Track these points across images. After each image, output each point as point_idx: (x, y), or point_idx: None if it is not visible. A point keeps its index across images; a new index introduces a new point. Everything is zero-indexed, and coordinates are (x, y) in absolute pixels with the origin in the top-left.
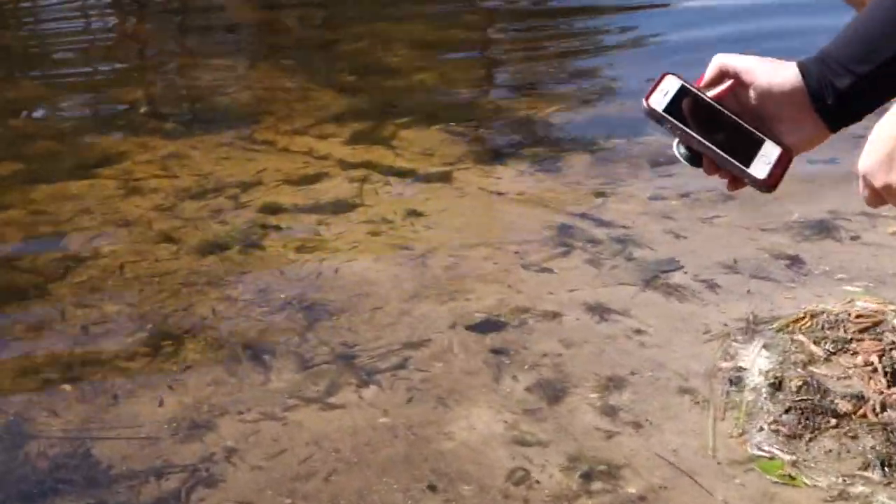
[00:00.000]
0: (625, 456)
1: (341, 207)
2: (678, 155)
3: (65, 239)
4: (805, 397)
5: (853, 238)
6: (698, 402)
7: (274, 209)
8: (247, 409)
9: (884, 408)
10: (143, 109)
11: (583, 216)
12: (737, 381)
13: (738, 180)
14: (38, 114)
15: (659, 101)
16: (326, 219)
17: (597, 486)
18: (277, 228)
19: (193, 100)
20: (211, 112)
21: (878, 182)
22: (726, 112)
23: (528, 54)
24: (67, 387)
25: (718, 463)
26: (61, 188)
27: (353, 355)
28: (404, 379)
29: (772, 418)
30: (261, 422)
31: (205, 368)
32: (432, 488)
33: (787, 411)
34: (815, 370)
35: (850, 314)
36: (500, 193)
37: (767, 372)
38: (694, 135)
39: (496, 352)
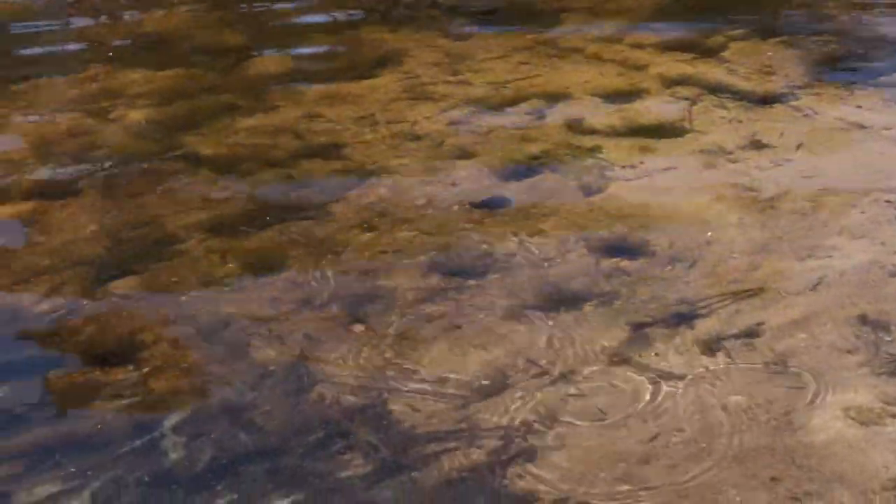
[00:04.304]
0: None
1: (667, 132)
2: None
3: (346, 149)
4: None
5: None
6: None
7: (584, 129)
8: (569, 369)
9: None
10: None
11: None
12: None
13: None
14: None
15: None
16: (650, 144)
17: None
18: (591, 152)
19: None
20: (511, 11)
21: None
22: None
23: None
24: (359, 327)
25: None
26: (338, 89)
27: (692, 315)
28: (758, 349)
29: None
30: (586, 386)
31: (514, 316)
32: (800, 491)
33: None
34: None
35: None
36: (862, 126)
37: None
38: None
39: (873, 325)
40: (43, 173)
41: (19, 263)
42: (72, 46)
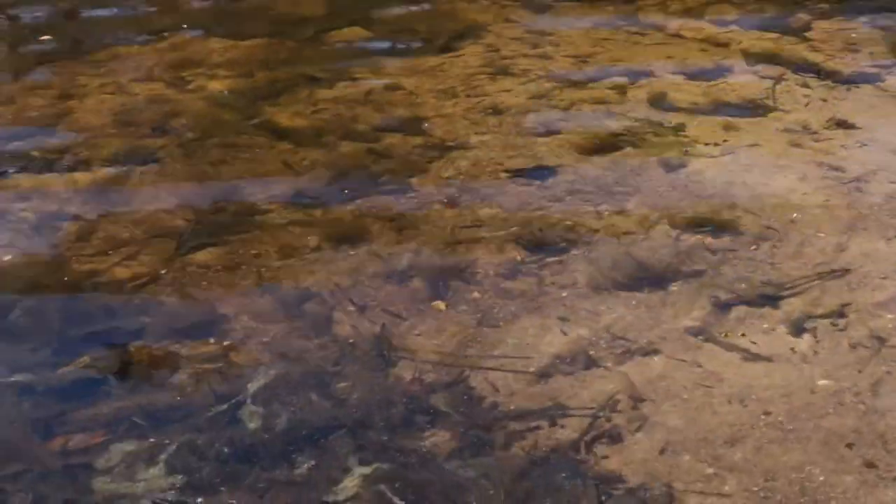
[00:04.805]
0: None
1: (751, 110)
2: None
3: (427, 123)
4: None
5: None
6: None
7: (668, 106)
8: (653, 348)
9: None
10: None
11: None
12: None
13: None
14: None
15: None
16: (734, 122)
17: None
18: (675, 130)
19: None
20: None
21: None
22: None
23: None
24: (441, 304)
25: None
26: (418, 62)
27: (778, 296)
28: (846, 332)
29: None
30: (671, 366)
31: (597, 293)
32: (889, 476)
33: None
34: None
35: None
36: None
37: None
38: None
39: None
40: (123, 143)
41: (100, 234)
42: (151, 14)
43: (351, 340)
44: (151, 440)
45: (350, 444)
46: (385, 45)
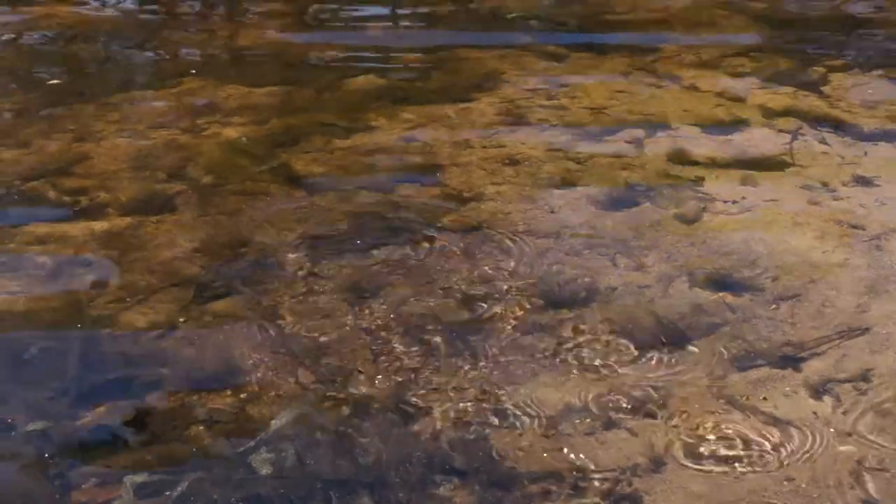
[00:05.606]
0: None
1: (768, 165)
2: None
3: (442, 174)
4: None
5: None
6: None
7: (684, 159)
8: (675, 411)
9: None
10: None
11: None
12: None
13: None
14: (401, 21)
15: None
16: (751, 177)
17: None
18: (691, 183)
19: (583, 15)
20: (605, 32)
21: None
22: None
23: None
24: (458, 359)
25: None
26: (432, 111)
27: (799, 357)
28: (868, 395)
29: None
30: (692, 429)
31: (616, 351)
32: None
33: None
34: None
35: None
36: None
37: None
38: None
39: None
40: (139, 189)
41: (115, 282)
42: (165, 61)
43: (370, 395)
44: (166, 492)
45: (366, 499)
46: (402, 93)
